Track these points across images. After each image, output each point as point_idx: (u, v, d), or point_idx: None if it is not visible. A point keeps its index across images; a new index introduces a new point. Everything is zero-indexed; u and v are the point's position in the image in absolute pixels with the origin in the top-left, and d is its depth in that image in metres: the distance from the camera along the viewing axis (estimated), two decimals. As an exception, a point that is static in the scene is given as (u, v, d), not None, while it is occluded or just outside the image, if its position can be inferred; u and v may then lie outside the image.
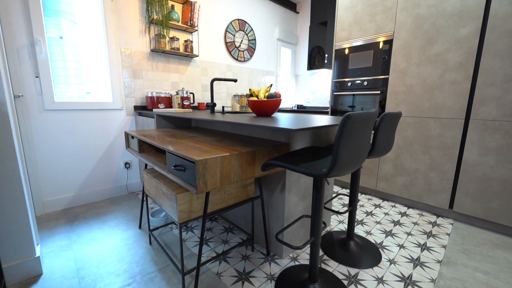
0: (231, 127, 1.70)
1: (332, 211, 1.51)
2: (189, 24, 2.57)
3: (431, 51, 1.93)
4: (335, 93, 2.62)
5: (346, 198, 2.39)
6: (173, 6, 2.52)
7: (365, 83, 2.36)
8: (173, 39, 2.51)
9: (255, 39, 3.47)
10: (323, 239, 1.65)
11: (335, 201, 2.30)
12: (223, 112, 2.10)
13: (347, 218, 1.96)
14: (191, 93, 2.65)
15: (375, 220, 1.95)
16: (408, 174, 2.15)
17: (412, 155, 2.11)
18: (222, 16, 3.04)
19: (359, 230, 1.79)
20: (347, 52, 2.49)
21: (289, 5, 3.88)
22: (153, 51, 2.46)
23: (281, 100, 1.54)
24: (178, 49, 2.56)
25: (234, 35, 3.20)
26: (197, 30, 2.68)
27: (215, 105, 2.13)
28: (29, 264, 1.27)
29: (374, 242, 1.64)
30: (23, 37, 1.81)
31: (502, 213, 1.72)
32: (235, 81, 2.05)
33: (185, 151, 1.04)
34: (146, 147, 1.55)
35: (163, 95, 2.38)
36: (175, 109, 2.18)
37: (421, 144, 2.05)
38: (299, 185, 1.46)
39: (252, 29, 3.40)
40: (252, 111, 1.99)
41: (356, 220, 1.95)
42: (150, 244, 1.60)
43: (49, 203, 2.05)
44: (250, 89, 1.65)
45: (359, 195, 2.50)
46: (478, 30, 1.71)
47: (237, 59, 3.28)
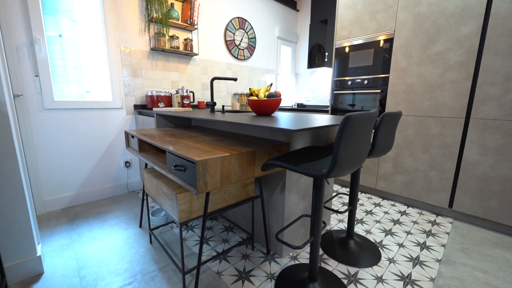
0: (231, 127, 1.70)
1: (332, 210, 1.52)
2: (188, 22, 2.55)
3: (431, 50, 1.93)
4: (335, 92, 2.62)
5: (346, 197, 2.40)
6: (172, 4, 2.50)
7: (366, 82, 2.36)
8: (172, 37, 2.50)
9: (255, 38, 3.45)
10: (323, 238, 1.65)
11: (335, 200, 2.31)
12: (223, 111, 2.10)
13: (347, 217, 1.96)
14: (191, 92, 2.65)
15: (374, 219, 1.96)
16: (408, 173, 2.16)
17: (412, 154, 2.12)
18: (222, 14, 3.03)
19: (358, 229, 1.80)
20: (347, 50, 2.48)
21: (289, 3, 3.86)
22: (152, 49, 2.45)
23: (281, 99, 1.53)
24: (178, 47, 2.55)
25: (234, 34, 3.18)
26: (197, 28, 2.66)
27: (215, 104, 2.13)
28: (30, 263, 1.27)
29: (373, 241, 1.65)
30: (22, 36, 1.80)
31: (501, 212, 1.72)
32: (235, 80, 2.05)
33: (185, 151, 1.04)
34: (146, 146, 1.55)
35: (163, 94, 2.37)
36: (175, 108, 2.17)
37: (421, 143, 2.05)
38: (299, 184, 1.46)
39: (252, 27, 3.38)
40: (252, 110, 1.99)
41: (356, 219, 1.95)
42: (150, 243, 1.61)
43: (50, 202, 2.05)
44: (250, 88, 1.65)
45: (359, 194, 2.50)
46: (479, 28, 1.70)
47: (237, 58, 3.27)
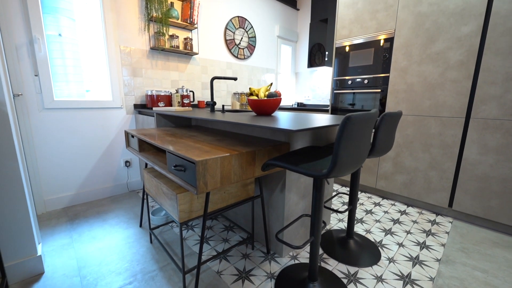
0: (231, 126, 1.70)
1: (332, 210, 1.52)
2: (188, 21, 2.55)
3: (432, 49, 1.92)
4: (335, 91, 2.62)
5: (346, 196, 2.40)
6: (172, 3, 2.49)
7: (366, 81, 2.35)
8: (172, 36, 2.49)
9: (255, 37, 3.44)
10: (323, 238, 1.65)
11: (335, 200, 2.31)
12: (223, 110, 2.10)
13: (347, 216, 1.97)
14: (191, 91, 2.64)
15: (374, 218, 1.96)
16: (408, 172, 2.16)
17: (412, 153, 2.12)
18: (222, 13, 3.02)
19: (358, 228, 1.80)
20: (347, 49, 2.47)
21: (290, 1, 3.85)
22: (152, 49, 2.45)
23: (281, 99, 1.53)
24: (177, 46, 2.54)
25: (234, 33, 3.17)
26: (196, 27, 2.66)
27: (215, 103, 2.13)
28: (31, 263, 1.27)
29: (373, 240, 1.65)
30: (21, 35, 1.79)
31: (501, 211, 1.72)
32: (235, 79, 2.04)
33: (185, 151, 1.04)
34: (146, 146, 1.55)
35: (163, 94, 2.37)
36: (175, 107, 2.17)
37: (421, 142, 2.05)
38: (299, 184, 1.46)
39: (252, 27, 3.37)
40: (252, 110, 1.98)
41: (355, 218, 1.95)
42: (151, 242, 1.61)
43: (50, 202, 2.05)
44: (250, 88, 1.64)
45: (359, 193, 2.50)
46: (480, 28, 1.70)
47: (237, 57, 3.27)
